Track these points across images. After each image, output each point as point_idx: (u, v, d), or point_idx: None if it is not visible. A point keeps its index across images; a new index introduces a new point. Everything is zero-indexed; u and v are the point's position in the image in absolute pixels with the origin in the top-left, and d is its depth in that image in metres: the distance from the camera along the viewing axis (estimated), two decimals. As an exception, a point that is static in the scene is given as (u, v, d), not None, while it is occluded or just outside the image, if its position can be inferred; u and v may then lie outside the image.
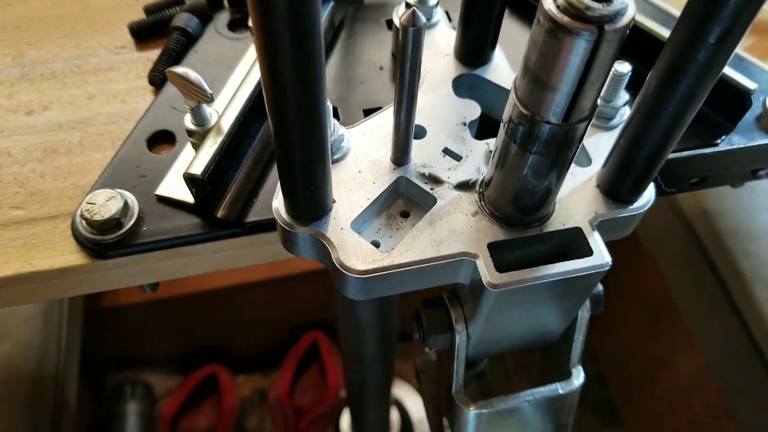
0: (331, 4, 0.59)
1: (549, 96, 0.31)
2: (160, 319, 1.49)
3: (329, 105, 0.40)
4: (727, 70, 0.51)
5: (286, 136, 0.32)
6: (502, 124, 0.35)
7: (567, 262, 0.38)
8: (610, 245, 0.40)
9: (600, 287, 0.46)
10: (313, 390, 1.55)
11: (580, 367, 0.48)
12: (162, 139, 0.51)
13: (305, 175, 0.35)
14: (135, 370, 1.59)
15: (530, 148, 0.34)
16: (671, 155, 0.49)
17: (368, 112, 0.52)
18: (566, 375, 0.48)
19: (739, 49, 0.60)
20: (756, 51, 0.62)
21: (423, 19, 0.32)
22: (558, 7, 0.27)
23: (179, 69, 0.43)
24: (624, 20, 0.27)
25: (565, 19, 0.27)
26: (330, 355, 1.55)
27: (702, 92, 0.33)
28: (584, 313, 0.46)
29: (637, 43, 0.54)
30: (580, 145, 0.43)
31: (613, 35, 0.27)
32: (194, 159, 0.44)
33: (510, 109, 0.34)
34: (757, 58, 0.60)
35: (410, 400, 1.50)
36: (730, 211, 1.13)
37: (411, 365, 1.49)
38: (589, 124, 0.33)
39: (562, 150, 0.34)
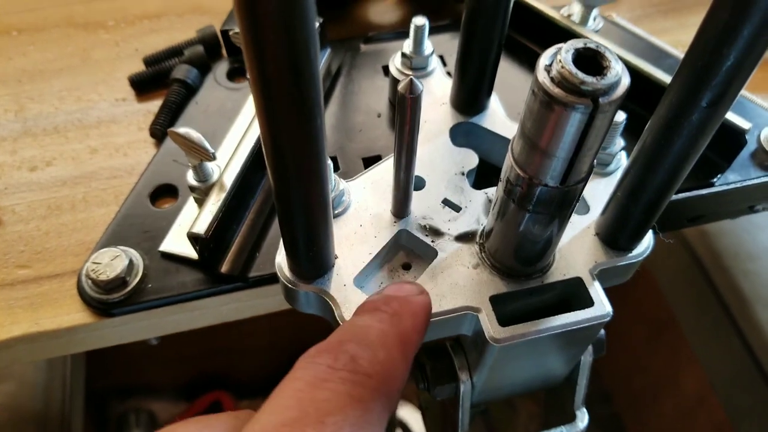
0: (328, 51, 0.60)
1: (546, 161, 0.31)
2: (163, 347, 1.48)
3: (329, 163, 0.41)
4: (721, 110, 0.52)
5: (288, 201, 0.33)
6: (500, 182, 0.36)
7: (568, 314, 0.38)
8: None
9: (602, 332, 0.47)
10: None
11: (585, 410, 0.48)
12: (165, 193, 0.52)
13: (308, 237, 0.36)
14: (138, 398, 1.59)
15: (528, 207, 0.34)
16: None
17: (367, 161, 0.53)
18: (571, 417, 0.48)
19: (732, 84, 0.60)
20: (749, 83, 0.63)
21: (420, 87, 0.33)
22: (552, 79, 0.28)
23: (181, 129, 0.44)
24: (618, 92, 0.28)
25: (559, 92, 0.28)
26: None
27: (696, 151, 0.33)
28: (587, 358, 0.47)
29: (633, 85, 0.54)
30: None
31: (608, 107, 0.28)
32: (198, 217, 0.44)
33: (507, 169, 0.34)
34: (751, 90, 0.61)
35: (414, 419, 1.50)
36: (730, 231, 1.14)
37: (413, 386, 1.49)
38: (586, 183, 0.34)
39: (561, 209, 0.34)
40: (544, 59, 0.29)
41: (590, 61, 0.28)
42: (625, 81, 0.28)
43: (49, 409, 1.05)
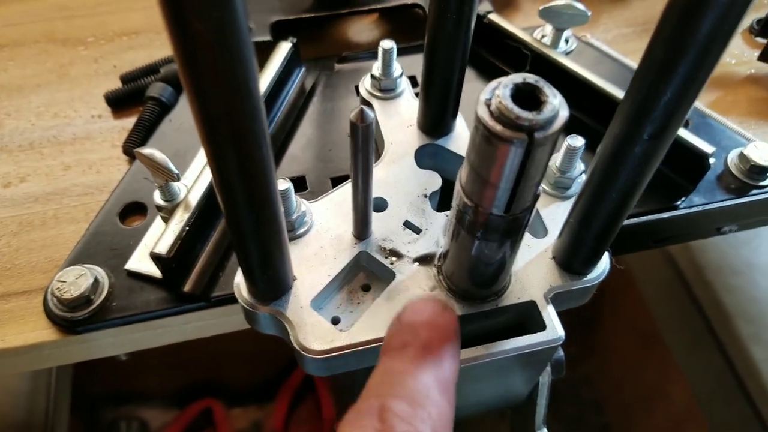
0: (302, 70, 0.60)
1: (489, 191, 0.32)
2: (153, 354, 1.49)
3: (290, 186, 0.42)
4: (686, 134, 0.53)
5: (239, 227, 0.33)
6: (452, 208, 0.36)
7: (520, 338, 0.39)
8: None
9: (561, 352, 0.47)
10: (308, 423, 1.55)
11: (545, 430, 0.49)
12: (134, 211, 0.52)
13: (262, 261, 0.36)
14: (129, 405, 1.58)
15: (476, 234, 0.35)
16: (632, 221, 0.51)
17: (336, 181, 0.53)
18: (533, 437, 0.49)
19: (702, 106, 0.61)
20: (719, 106, 0.64)
21: (371, 116, 0.34)
22: (491, 114, 0.29)
23: (146, 150, 0.45)
24: (555, 126, 0.28)
25: (497, 127, 0.28)
26: (324, 388, 1.55)
27: (642, 181, 0.34)
28: (545, 379, 0.47)
29: (597, 105, 0.55)
30: (533, 218, 0.45)
31: (545, 141, 0.28)
32: (161, 236, 0.45)
33: (456, 197, 0.35)
34: (720, 113, 0.61)
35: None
36: (713, 246, 1.14)
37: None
38: (533, 211, 0.34)
39: (509, 235, 0.35)
40: (484, 94, 0.29)
41: (529, 95, 0.29)
42: (563, 114, 0.29)
43: (33, 417, 1.05)
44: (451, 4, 0.41)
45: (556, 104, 0.29)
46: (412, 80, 0.61)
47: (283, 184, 0.41)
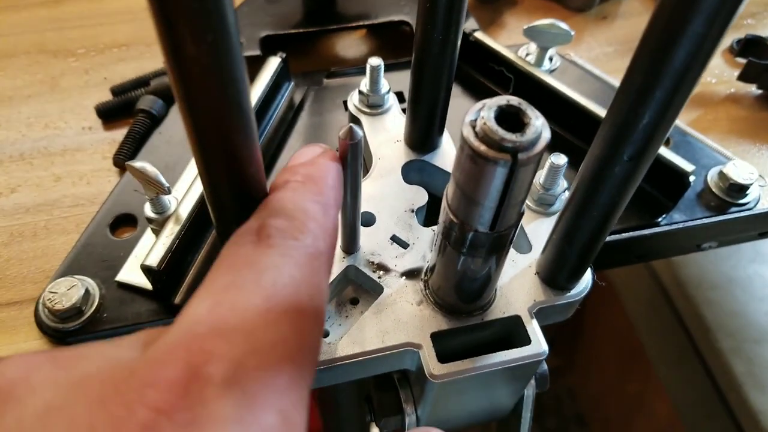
0: (291, 84, 0.61)
1: (475, 209, 0.33)
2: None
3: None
4: (667, 152, 0.54)
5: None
6: (438, 224, 0.37)
7: (505, 352, 0.40)
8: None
9: (545, 366, 0.48)
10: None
11: (530, 442, 0.50)
12: (124, 223, 0.53)
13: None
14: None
15: (462, 250, 0.36)
16: (613, 237, 0.52)
17: (324, 195, 0.54)
18: (517, 449, 0.50)
19: (683, 124, 0.63)
20: (700, 124, 0.65)
21: (360, 134, 0.35)
22: (476, 134, 0.30)
23: (138, 163, 0.45)
24: (538, 147, 0.29)
25: (482, 147, 0.29)
26: (311, 399, 1.55)
27: (622, 200, 0.35)
28: (530, 392, 0.48)
29: (579, 123, 0.57)
30: (517, 234, 0.46)
31: (528, 161, 0.29)
32: (152, 248, 0.45)
33: (443, 214, 0.36)
34: (701, 131, 0.63)
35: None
36: (693, 260, 1.16)
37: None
38: (517, 228, 0.35)
39: (494, 252, 0.36)
40: (469, 115, 0.30)
41: (513, 117, 0.30)
42: (545, 135, 0.30)
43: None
44: (438, 26, 0.42)
45: (539, 126, 0.30)
46: (399, 96, 0.62)
47: None
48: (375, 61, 0.51)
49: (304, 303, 0.26)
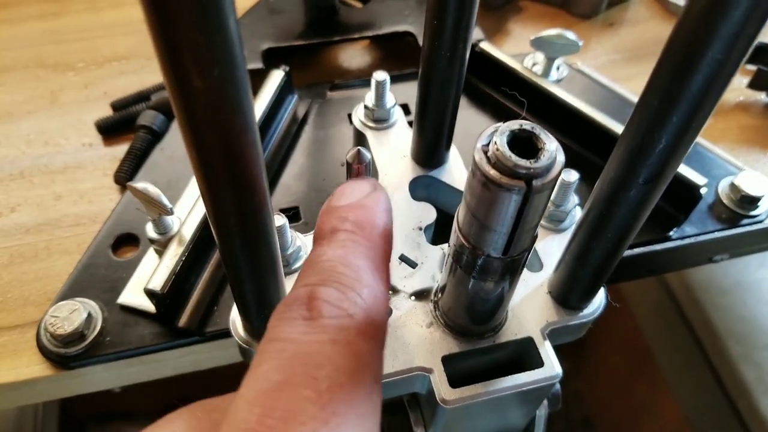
0: (295, 98, 0.60)
1: (487, 234, 0.32)
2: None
3: (285, 222, 0.42)
4: (677, 164, 0.53)
5: (236, 268, 0.33)
6: (449, 246, 0.36)
7: (518, 375, 0.39)
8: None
9: (557, 386, 0.47)
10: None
11: (542, 462, 0.49)
12: (126, 242, 0.52)
13: (258, 300, 0.36)
14: (117, 423, 1.57)
15: (474, 274, 0.35)
16: (625, 253, 0.51)
17: (330, 211, 0.53)
18: (528, 469, 0.49)
19: (692, 133, 0.62)
20: (710, 133, 0.64)
21: (368, 157, 0.34)
22: (489, 160, 0.29)
23: (140, 184, 0.45)
24: (552, 173, 0.29)
25: (495, 174, 0.28)
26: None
27: (637, 222, 0.34)
28: (542, 412, 0.47)
29: (588, 135, 0.56)
30: (531, 253, 0.45)
31: (543, 188, 0.29)
32: (155, 271, 0.45)
33: (453, 237, 0.35)
34: (711, 140, 0.62)
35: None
36: (702, 266, 1.15)
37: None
38: (530, 252, 0.34)
39: (506, 276, 0.35)
40: (481, 140, 0.29)
41: (526, 142, 0.29)
42: (560, 159, 0.29)
43: (22, 433, 1.05)
44: (445, 41, 0.41)
45: (553, 150, 0.29)
46: (404, 108, 0.61)
47: (279, 220, 0.41)
48: (380, 75, 0.50)
49: (362, 398, 0.24)
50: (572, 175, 0.45)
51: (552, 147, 0.29)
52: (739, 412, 1.04)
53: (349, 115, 0.61)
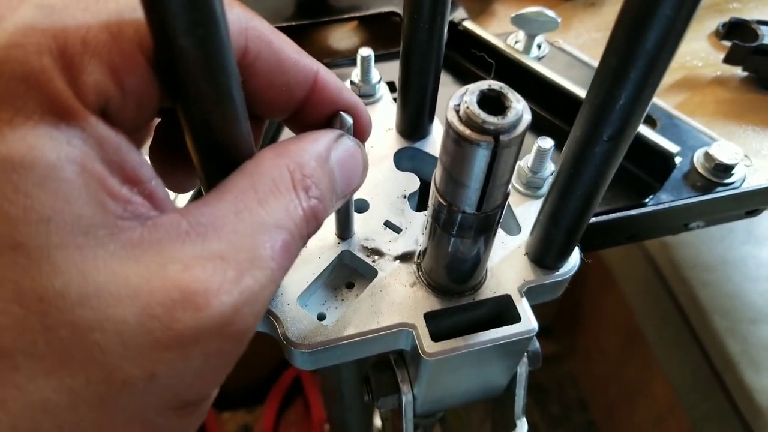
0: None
1: (462, 191, 0.34)
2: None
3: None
4: (652, 134, 0.55)
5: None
6: (428, 207, 0.39)
7: (496, 329, 0.41)
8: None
9: (537, 344, 0.49)
10: (298, 425, 1.57)
11: (524, 419, 0.51)
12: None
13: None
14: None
15: (451, 231, 0.37)
16: (601, 218, 0.53)
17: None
18: (512, 427, 0.51)
19: (670, 107, 0.64)
20: (687, 107, 0.67)
21: (350, 120, 0.36)
22: (460, 118, 0.31)
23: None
24: (519, 129, 0.31)
25: (466, 131, 0.30)
26: (313, 390, 1.57)
27: (604, 180, 0.36)
28: (523, 369, 0.49)
29: (565, 107, 0.58)
30: (507, 216, 0.47)
31: (510, 143, 0.31)
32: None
33: (432, 197, 0.37)
34: (687, 114, 0.64)
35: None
36: (687, 242, 1.17)
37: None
38: (504, 209, 0.36)
39: (482, 232, 0.37)
40: (453, 100, 0.31)
41: (494, 101, 0.31)
42: (526, 117, 0.31)
43: None
44: (424, 15, 0.43)
45: (520, 109, 0.31)
46: (391, 86, 0.63)
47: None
48: (365, 51, 0.53)
49: None
50: (548, 142, 0.47)
51: (519, 105, 0.31)
52: (726, 385, 1.07)
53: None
